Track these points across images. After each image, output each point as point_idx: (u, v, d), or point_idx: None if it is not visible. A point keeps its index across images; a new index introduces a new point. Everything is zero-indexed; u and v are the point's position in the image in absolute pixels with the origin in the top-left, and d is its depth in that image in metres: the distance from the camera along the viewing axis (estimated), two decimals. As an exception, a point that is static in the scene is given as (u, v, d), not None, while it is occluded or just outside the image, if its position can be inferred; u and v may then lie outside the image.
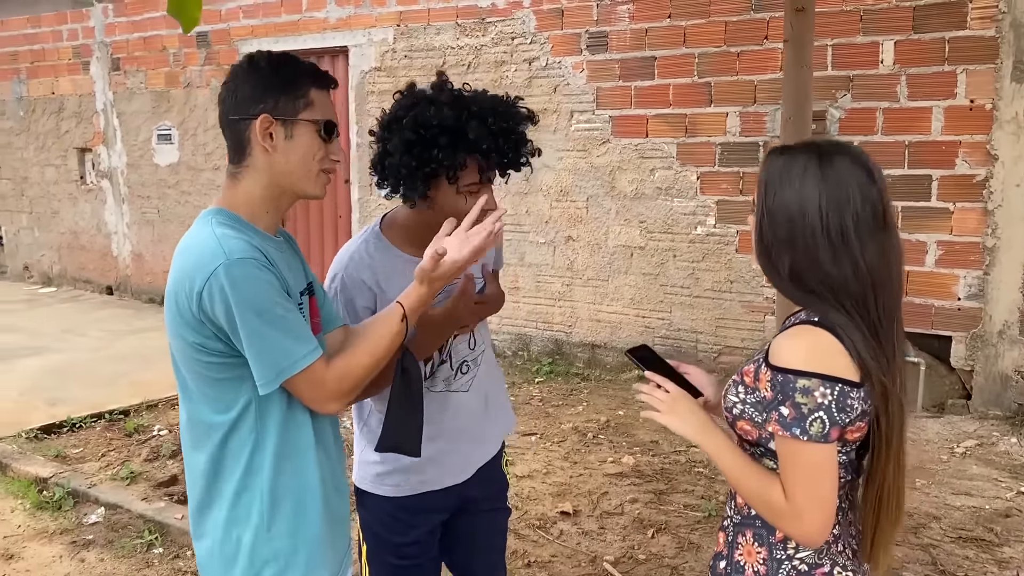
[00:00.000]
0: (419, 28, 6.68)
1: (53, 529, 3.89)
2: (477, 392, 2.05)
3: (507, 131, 1.80)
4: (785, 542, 1.47)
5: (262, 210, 1.58)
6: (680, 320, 5.85)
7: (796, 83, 2.55)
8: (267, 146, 1.54)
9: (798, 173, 1.41)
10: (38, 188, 9.88)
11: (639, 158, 5.86)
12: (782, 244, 1.42)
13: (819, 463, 1.38)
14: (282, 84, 1.54)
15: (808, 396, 1.35)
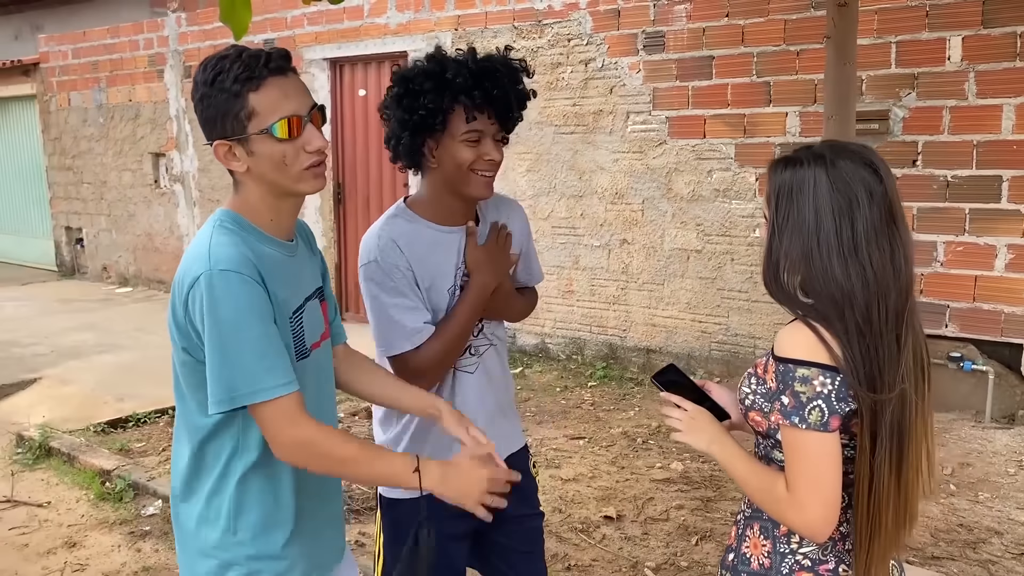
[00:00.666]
0: (476, 32, 6.72)
1: (113, 519, 4.04)
2: (482, 381, 2.03)
3: (489, 71, 1.83)
4: (789, 536, 1.47)
5: (265, 216, 1.55)
6: (738, 325, 5.74)
7: (838, 80, 2.48)
8: (236, 167, 1.51)
9: (808, 185, 1.40)
10: (116, 192, 10.28)
11: (696, 159, 5.77)
12: (795, 260, 1.41)
13: (819, 452, 1.36)
14: (222, 103, 1.46)
15: (807, 385, 1.35)
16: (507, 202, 2.14)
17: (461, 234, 1.96)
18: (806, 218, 1.38)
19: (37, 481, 4.55)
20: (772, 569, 1.47)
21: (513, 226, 2.08)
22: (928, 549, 3.42)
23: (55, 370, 6.41)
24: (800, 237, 1.39)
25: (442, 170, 1.88)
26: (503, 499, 1.59)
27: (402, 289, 1.87)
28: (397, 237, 1.90)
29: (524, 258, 2.15)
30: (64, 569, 3.59)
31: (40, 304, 9.22)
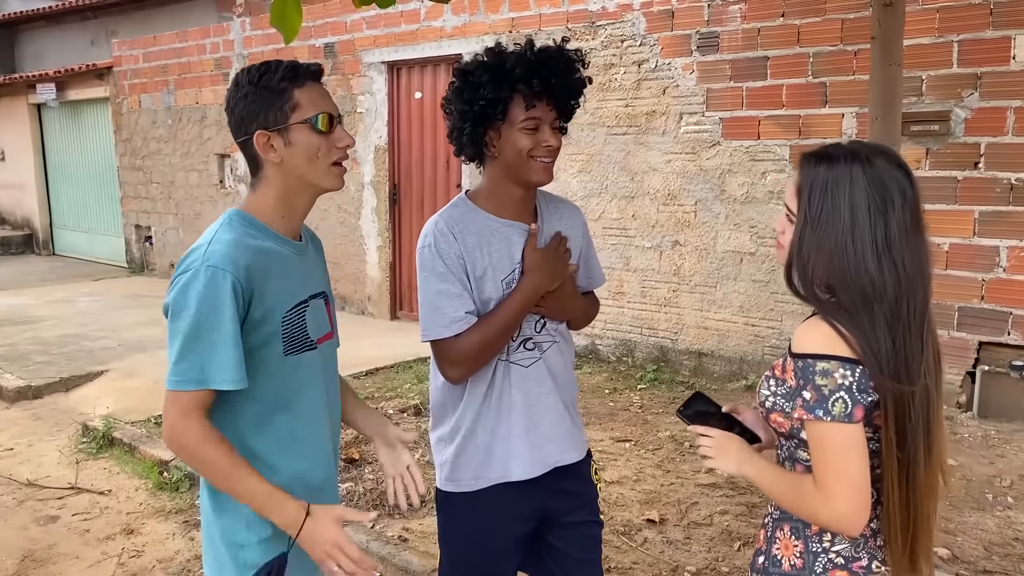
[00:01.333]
0: (530, 34, 6.75)
1: (169, 508, 4.19)
2: (541, 375, 2.02)
3: (546, 60, 1.87)
4: (821, 535, 1.47)
5: (277, 215, 1.67)
6: (791, 329, 5.65)
7: (884, 81, 2.43)
8: (272, 157, 1.63)
9: (845, 181, 1.40)
10: (183, 191, 10.61)
11: (750, 160, 5.70)
12: (826, 254, 1.41)
13: (845, 443, 1.37)
14: (267, 96, 1.61)
15: (828, 378, 1.37)
16: (567, 205, 2.16)
17: (520, 229, 1.98)
18: (842, 214, 1.40)
19: (100, 470, 4.74)
20: (805, 569, 1.48)
21: (573, 229, 2.09)
22: (981, 563, 3.32)
23: (121, 363, 6.65)
24: (834, 232, 1.40)
25: (502, 158, 1.92)
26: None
27: (450, 276, 1.91)
28: (453, 225, 1.94)
29: (584, 262, 2.15)
30: (121, 555, 3.74)
31: (110, 299, 9.58)
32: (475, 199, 2.01)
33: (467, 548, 2.04)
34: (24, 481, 4.57)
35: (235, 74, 1.68)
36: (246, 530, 1.64)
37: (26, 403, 5.97)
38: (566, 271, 2.00)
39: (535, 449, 2.01)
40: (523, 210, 2.01)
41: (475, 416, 1.99)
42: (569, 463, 2.07)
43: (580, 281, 2.15)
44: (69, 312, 8.80)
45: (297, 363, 1.65)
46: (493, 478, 2.00)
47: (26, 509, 4.25)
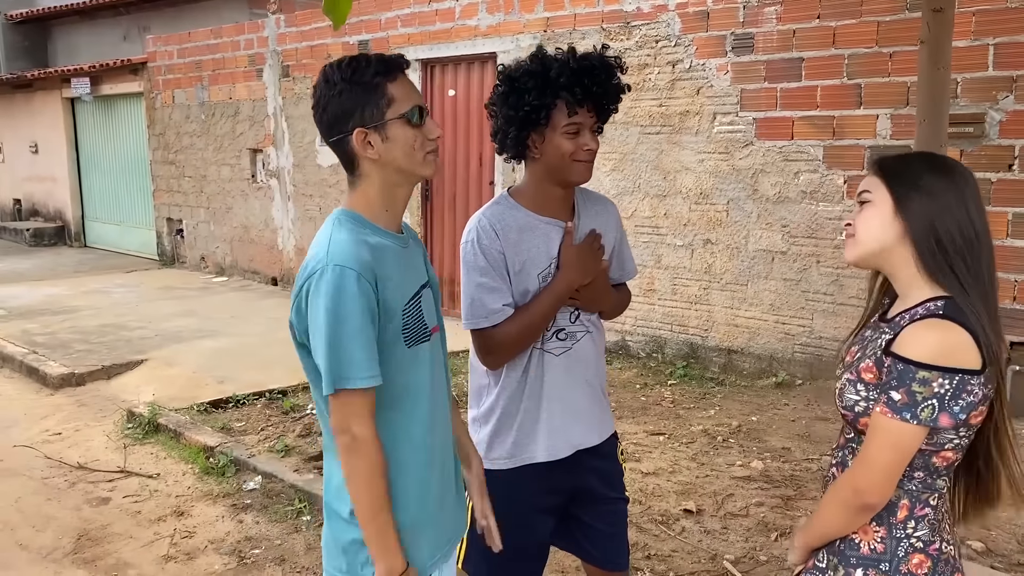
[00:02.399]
0: (564, 33, 6.84)
1: (217, 492, 4.32)
2: (572, 363, 2.14)
3: (589, 68, 1.99)
4: (905, 523, 1.55)
5: (381, 208, 1.70)
6: (822, 328, 5.71)
7: (932, 85, 2.50)
8: (370, 154, 1.65)
9: (918, 167, 1.56)
10: (215, 185, 10.78)
11: (783, 161, 5.77)
12: (929, 219, 1.51)
13: (910, 445, 1.48)
14: (361, 92, 1.61)
15: (925, 387, 1.44)
16: (603, 200, 2.29)
17: (558, 226, 2.11)
18: (927, 177, 1.52)
19: (147, 454, 4.88)
20: (887, 552, 1.55)
21: (608, 224, 2.22)
22: (1015, 556, 3.39)
23: (160, 352, 6.81)
24: (924, 191, 1.51)
25: (544, 160, 2.05)
26: None
27: (491, 271, 2.05)
28: (495, 222, 2.07)
29: (617, 255, 2.28)
30: (174, 535, 3.87)
31: (144, 291, 9.76)
32: (516, 197, 2.14)
33: (502, 522, 2.12)
34: (74, 464, 4.72)
35: (322, 70, 1.66)
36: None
37: (70, 390, 6.13)
38: (599, 267, 2.11)
39: (563, 432, 2.15)
40: (562, 207, 2.13)
41: (509, 400, 2.13)
42: (593, 445, 2.21)
43: (612, 273, 2.25)
44: (105, 303, 8.97)
45: (415, 355, 1.69)
46: (525, 458, 2.15)
47: (78, 491, 4.39)
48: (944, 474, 1.55)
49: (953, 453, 1.52)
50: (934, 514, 1.55)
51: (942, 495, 1.57)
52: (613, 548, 2.32)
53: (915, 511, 1.55)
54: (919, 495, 1.54)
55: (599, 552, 2.30)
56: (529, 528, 2.20)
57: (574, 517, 2.26)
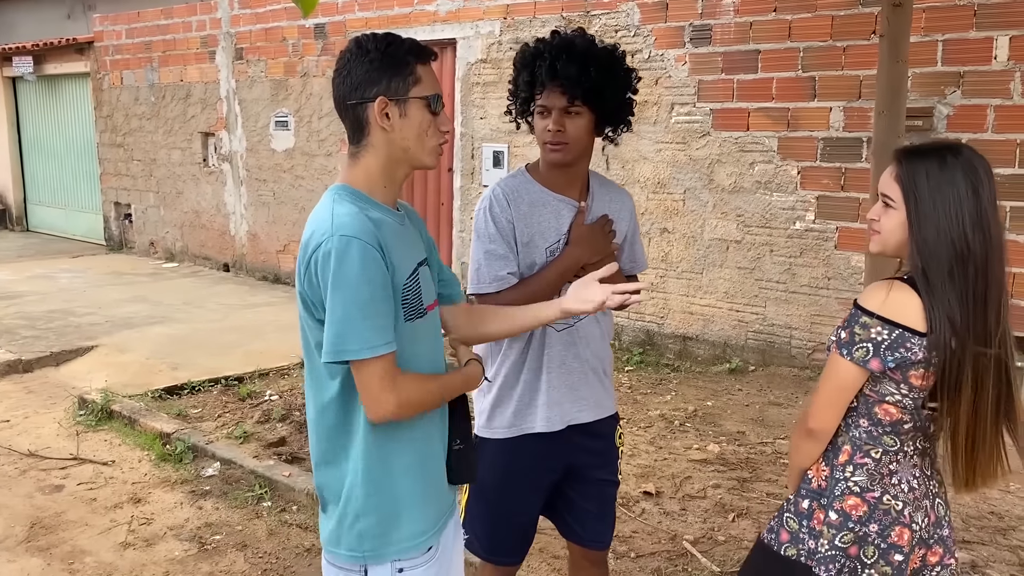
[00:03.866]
0: (525, 21, 6.85)
1: (175, 479, 4.26)
2: (573, 340, 2.19)
3: (565, 45, 2.04)
4: (844, 466, 1.75)
5: (379, 184, 1.71)
6: (775, 315, 5.85)
7: (891, 78, 2.58)
8: (385, 125, 1.66)
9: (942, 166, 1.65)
10: (165, 169, 10.56)
11: (739, 151, 5.87)
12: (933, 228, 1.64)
13: (847, 380, 1.69)
14: (392, 65, 1.64)
15: (865, 330, 1.65)
16: (619, 189, 2.34)
17: (569, 204, 2.18)
18: (946, 193, 1.63)
19: (100, 441, 4.79)
20: (827, 489, 1.76)
21: (622, 212, 2.27)
22: (959, 534, 3.53)
23: (111, 339, 6.67)
24: (940, 209, 1.63)
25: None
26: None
27: (499, 239, 2.11)
28: (509, 193, 2.14)
29: (629, 246, 2.32)
30: (131, 522, 3.81)
31: (92, 276, 9.53)
32: (532, 172, 2.21)
33: (495, 487, 2.22)
34: (25, 452, 4.61)
35: (356, 39, 1.69)
36: None
37: (16, 377, 5.98)
38: (608, 248, 2.17)
39: (557, 406, 2.20)
40: (574, 186, 2.19)
41: (511, 371, 2.19)
42: (585, 421, 2.25)
43: (623, 264, 2.30)
44: (51, 288, 8.75)
45: (412, 330, 1.69)
46: (523, 427, 2.20)
47: (29, 479, 4.30)
48: (890, 431, 1.71)
49: (897, 410, 1.68)
50: (875, 466, 1.72)
51: (889, 452, 1.72)
52: (597, 528, 2.37)
53: (855, 458, 1.73)
54: (861, 444, 1.73)
55: (581, 529, 2.36)
56: (523, 497, 2.26)
57: (562, 493, 2.32)
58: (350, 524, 1.70)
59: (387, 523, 1.70)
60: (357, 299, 1.56)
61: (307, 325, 1.68)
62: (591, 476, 2.30)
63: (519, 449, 2.21)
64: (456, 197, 7.60)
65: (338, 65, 1.71)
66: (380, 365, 1.59)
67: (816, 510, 1.76)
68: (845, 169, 5.44)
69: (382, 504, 1.70)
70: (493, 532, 2.28)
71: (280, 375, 5.84)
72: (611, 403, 2.34)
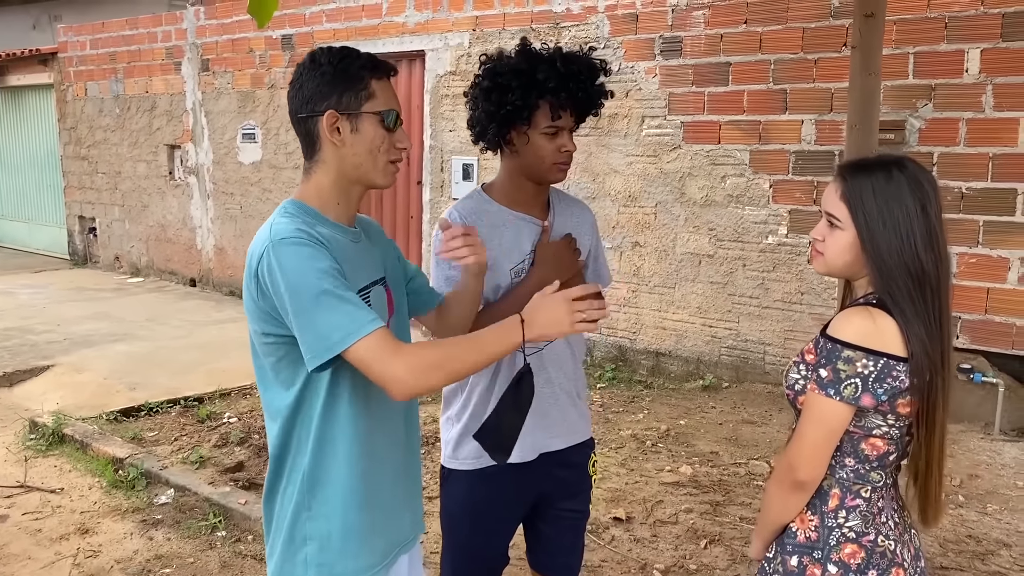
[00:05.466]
0: (494, 33, 6.75)
1: (126, 507, 4.08)
2: (543, 365, 2.09)
3: (575, 73, 1.97)
4: (836, 512, 1.60)
5: (332, 201, 1.64)
6: (748, 331, 5.76)
7: (863, 90, 2.49)
8: (335, 140, 1.60)
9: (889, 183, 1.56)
10: (130, 182, 10.34)
11: (710, 165, 5.79)
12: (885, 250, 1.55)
13: (835, 421, 1.54)
14: (344, 79, 1.58)
15: (849, 365, 1.51)
16: (579, 204, 2.26)
17: (531, 222, 2.08)
18: (894, 213, 1.53)
19: (50, 467, 4.59)
20: (820, 541, 1.61)
21: (583, 227, 2.19)
22: (937, 559, 3.43)
23: (68, 358, 6.46)
24: (890, 230, 1.54)
25: (521, 158, 2.02)
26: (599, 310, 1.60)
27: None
28: (466, 215, 2.04)
29: (592, 260, 2.24)
30: (77, 555, 3.63)
31: (53, 292, 9.29)
32: (490, 192, 2.12)
33: (464, 522, 2.14)
34: (-31, 479, 4.41)
35: (311, 53, 1.64)
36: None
37: (-33, 398, 5.76)
38: (576, 266, 2.08)
39: (530, 435, 2.06)
40: (536, 204, 2.11)
41: (479, 398, 2.09)
42: (558, 449, 2.15)
43: (588, 279, 2.22)
44: (10, 304, 8.50)
45: None
46: (486, 459, 2.06)
47: (-28, 508, 4.10)
48: (877, 466, 1.60)
49: (884, 443, 1.57)
50: (867, 506, 1.60)
51: (877, 489, 1.61)
52: (566, 561, 2.30)
53: (846, 501, 1.60)
54: (850, 485, 1.60)
55: (550, 561, 2.29)
56: (493, 531, 2.17)
57: (531, 523, 2.24)
58: (291, 556, 1.63)
59: (329, 554, 1.62)
60: (317, 292, 1.47)
61: (258, 343, 1.62)
62: (562, 507, 2.22)
63: (488, 481, 2.11)
64: (425, 210, 7.47)
65: (292, 78, 1.66)
66: (372, 340, 1.47)
67: (809, 566, 1.60)
68: (817, 183, 5.38)
69: (323, 533, 1.62)
70: (461, 567, 2.19)
71: (242, 395, 5.66)
72: (585, 427, 2.25)
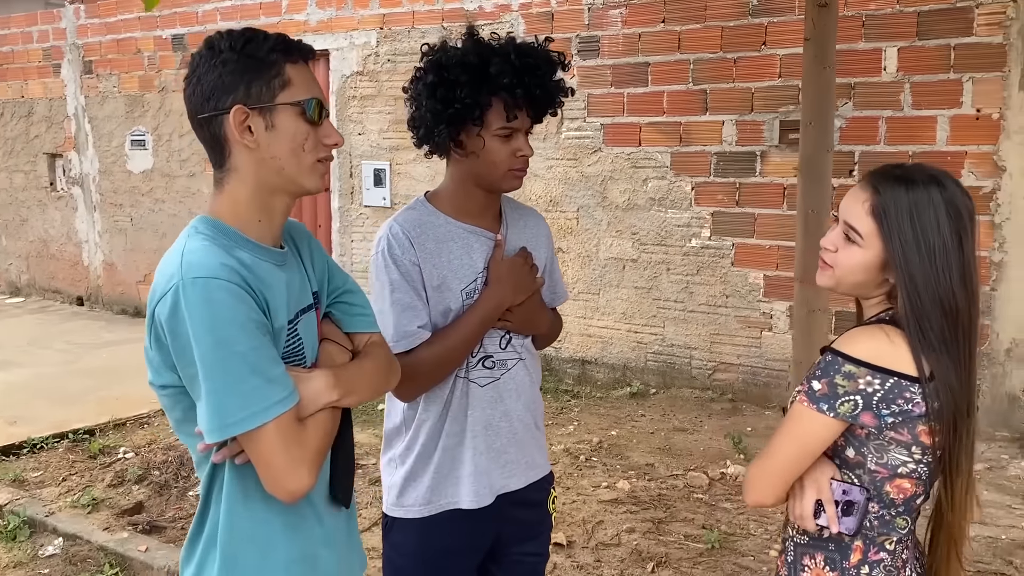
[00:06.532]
0: (403, 31, 6.46)
1: (6, 562, 3.61)
2: (500, 396, 1.86)
3: (531, 67, 1.73)
4: (859, 567, 1.43)
5: (252, 218, 1.35)
6: (674, 335, 5.64)
7: (818, 85, 2.36)
8: (247, 142, 1.30)
9: (926, 204, 1.38)
10: (6, 195, 9.54)
11: (632, 167, 5.66)
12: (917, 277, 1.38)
13: (817, 439, 1.40)
14: (251, 67, 1.30)
15: (850, 381, 1.37)
16: (533, 214, 2.03)
17: (483, 235, 1.84)
18: (931, 239, 1.37)
19: (-85, 519, 4.05)
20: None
21: (538, 239, 1.98)
22: None
23: (-64, 391, 5.81)
24: (924, 257, 1.37)
25: (471, 163, 1.78)
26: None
27: (404, 285, 1.75)
28: (410, 230, 1.79)
29: (548, 276, 2.02)
30: (-52, 623, 3.17)
31: (-81, 316, 8.45)
32: (435, 201, 1.86)
33: (411, 574, 1.89)
34: None
35: (207, 39, 1.35)
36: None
37: None
38: (533, 284, 1.86)
39: (486, 475, 1.86)
40: (487, 215, 1.87)
41: (429, 436, 1.84)
42: (516, 488, 1.92)
43: (544, 296, 1.99)
44: None
45: None
46: (443, 504, 1.85)
47: None
48: (903, 512, 1.43)
49: (911, 484, 1.40)
50: (891, 559, 1.43)
51: (903, 539, 1.44)
52: None
53: (869, 555, 1.43)
54: (875, 536, 1.43)
55: None
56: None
57: (485, 569, 1.99)
58: None
59: None
60: (227, 354, 1.19)
61: (157, 395, 1.34)
62: (520, 550, 1.98)
63: (439, 529, 1.85)
64: (335, 218, 7.09)
65: (187, 72, 1.34)
66: (275, 429, 1.22)
67: None
68: (739, 184, 5.30)
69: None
70: None
71: (139, 424, 5.19)
72: (544, 460, 2.01)
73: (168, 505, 4.04)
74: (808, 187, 2.36)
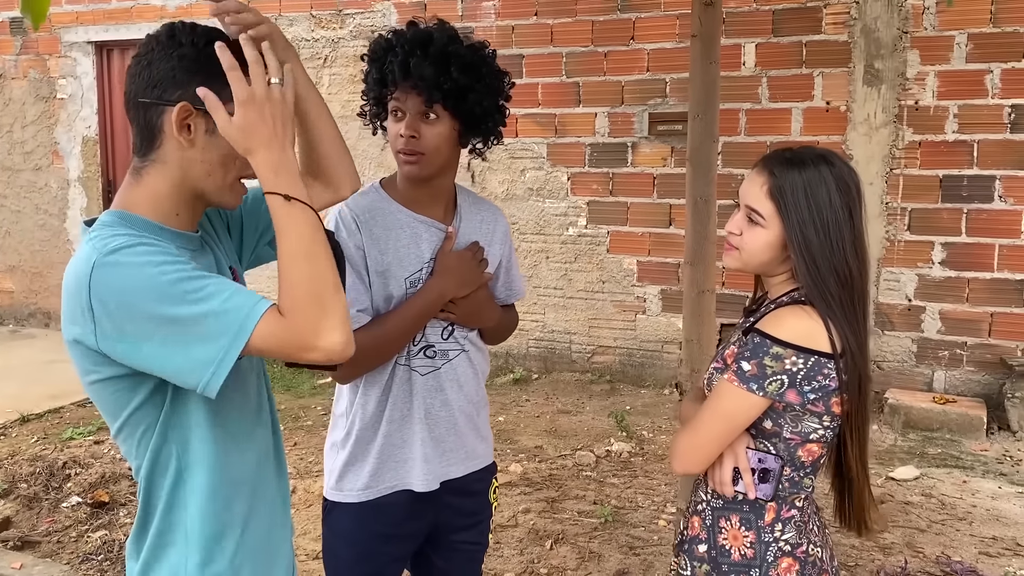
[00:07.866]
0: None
1: None
2: (440, 385, 1.88)
3: (424, 39, 1.74)
4: (772, 526, 1.54)
5: (170, 211, 1.30)
6: (554, 322, 5.80)
7: (705, 80, 2.50)
8: (183, 139, 1.26)
9: (818, 181, 1.49)
10: None
11: (509, 158, 5.76)
12: (813, 250, 1.48)
13: (745, 416, 1.49)
14: (208, 68, 1.24)
15: (778, 362, 1.45)
16: (490, 208, 2.02)
17: (433, 226, 1.85)
18: (823, 213, 1.47)
19: None
20: (756, 558, 1.53)
21: (493, 234, 1.96)
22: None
23: None
24: (819, 230, 1.47)
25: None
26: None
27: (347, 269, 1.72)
28: (359, 214, 1.79)
29: (504, 272, 2.01)
30: None
31: None
32: (388, 188, 1.87)
33: (349, 563, 1.91)
34: None
35: (171, 25, 1.31)
36: None
37: None
38: (479, 279, 1.86)
39: (427, 462, 1.87)
40: (437, 205, 1.87)
41: (369, 422, 1.85)
42: (457, 476, 1.94)
43: (499, 293, 2.02)
44: None
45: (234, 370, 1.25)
46: (382, 489, 1.86)
47: None
48: (810, 472, 1.55)
49: (819, 447, 1.53)
50: (800, 515, 1.55)
51: (808, 495, 1.58)
52: None
53: (782, 513, 1.54)
54: (786, 496, 1.54)
55: None
56: (381, 570, 1.92)
57: (428, 560, 2.01)
58: None
59: None
60: (183, 292, 1.16)
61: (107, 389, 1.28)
62: (459, 539, 2.00)
63: (378, 514, 1.86)
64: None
65: (139, 53, 1.29)
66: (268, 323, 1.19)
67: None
68: (613, 174, 5.50)
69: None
70: None
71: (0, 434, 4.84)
72: (487, 451, 2.02)
73: (39, 519, 3.80)
74: (696, 176, 2.50)
